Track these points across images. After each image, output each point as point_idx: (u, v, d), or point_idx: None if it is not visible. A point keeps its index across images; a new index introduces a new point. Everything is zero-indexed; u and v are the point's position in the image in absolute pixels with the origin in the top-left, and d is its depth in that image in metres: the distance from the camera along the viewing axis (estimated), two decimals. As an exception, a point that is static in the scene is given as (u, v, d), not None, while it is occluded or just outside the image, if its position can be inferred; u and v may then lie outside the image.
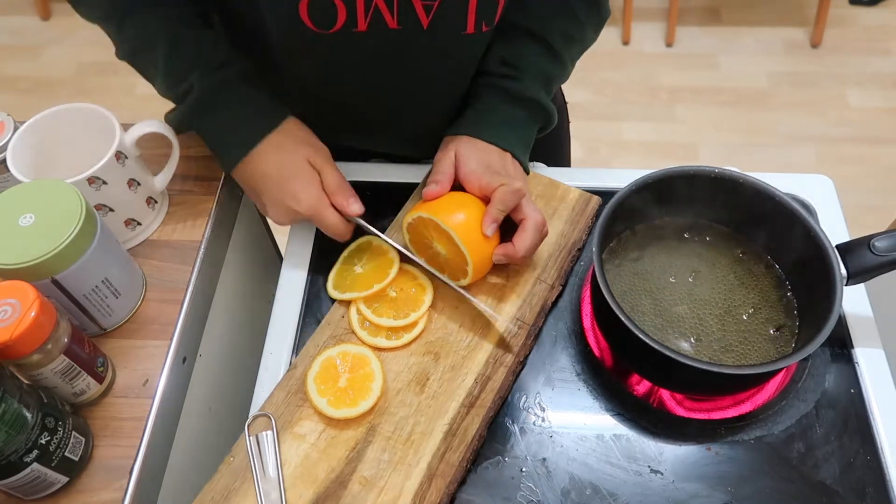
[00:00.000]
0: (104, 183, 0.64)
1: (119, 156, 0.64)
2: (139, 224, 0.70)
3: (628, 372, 0.65)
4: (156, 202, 0.71)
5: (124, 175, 0.66)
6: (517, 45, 0.71)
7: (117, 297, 0.63)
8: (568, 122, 0.98)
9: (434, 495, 0.57)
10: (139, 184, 0.68)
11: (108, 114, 0.66)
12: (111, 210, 0.66)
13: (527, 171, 0.72)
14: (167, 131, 0.68)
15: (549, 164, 0.85)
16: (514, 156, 0.70)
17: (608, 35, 2.29)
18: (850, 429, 0.61)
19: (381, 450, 0.59)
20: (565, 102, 0.96)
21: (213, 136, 0.69)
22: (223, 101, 0.67)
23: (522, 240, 0.64)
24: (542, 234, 0.65)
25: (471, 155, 0.68)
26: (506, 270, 0.69)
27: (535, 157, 0.77)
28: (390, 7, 0.62)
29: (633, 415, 0.63)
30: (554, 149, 0.96)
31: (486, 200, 0.65)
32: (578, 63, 0.77)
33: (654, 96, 2.15)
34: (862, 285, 0.68)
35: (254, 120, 0.68)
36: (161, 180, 0.71)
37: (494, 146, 0.70)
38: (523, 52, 0.71)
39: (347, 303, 0.67)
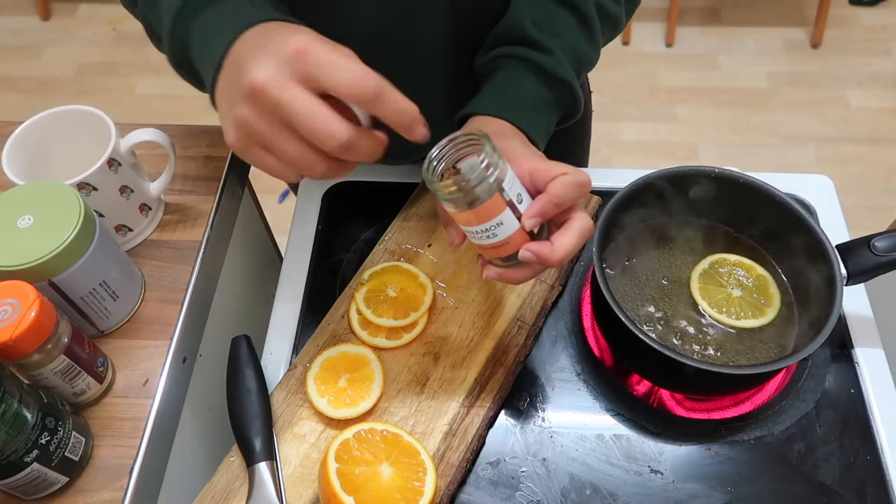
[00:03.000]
0: (94, 189, 0.63)
1: (112, 163, 0.64)
2: (130, 230, 0.70)
3: (628, 372, 0.65)
4: (150, 209, 0.71)
5: (116, 182, 0.65)
6: (549, 10, 0.61)
7: (115, 300, 0.63)
8: (591, 114, 0.90)
9: (434, 495, 0.57)
10: (132, 190, 0.67)
11: (106, 118, 0.66)
12: (101, 216, 0.65)
13: None
14: (164, 140, 0.67)
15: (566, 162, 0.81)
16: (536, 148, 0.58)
17: (608, 35, 2.29)
18: (850, 429, 0.61)
19: (381, 450, 0.59)
20: (590, 92, 0.88)
21: (197, 41, 0.51)
22: (208, 7, 0.51)
23: (564, 240, 0.50)
24: (585, 240, 0.52)
25: (509, 136, 0.56)
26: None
27: (550, 152, 0.69)
28: None
29: (633, 415, 0.63)
30: (572, 145, 0.89)
31: (533, 192, 0.52)
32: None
33: (654, 96, 2.15)
34: (862, 285, 0.68)
35: (241, 13, 0.49)
36: (156, 188, 0.71)
37: (522, 133, 0.58)
38: (556, 21, 0.61)
39: (347, 309, 0.67)
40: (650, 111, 2.11)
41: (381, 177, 0.80)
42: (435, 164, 0.49)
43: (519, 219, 0.49)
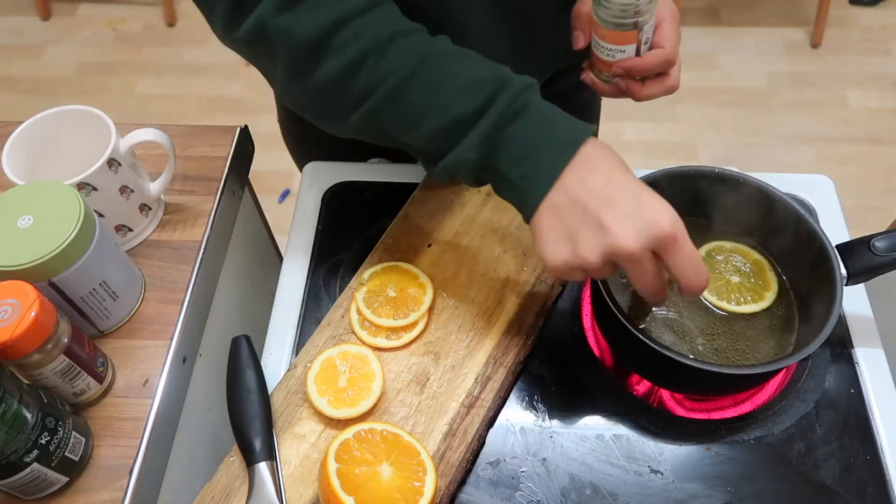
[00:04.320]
0: (94, 189, 0.63)
1: (112, 163, 0.64)
2: (130, 230, 0.70)
3: (628, 372, 0.65)
4: (150, 209, 0.71)
5: (116, 182, 0.65)
6: None
7: (115, 300, 0.63)
8: (599, 114, 0.99)
9: (434, 495, 0.57)
10: (132, 190, 0.67)
11: (106, 118, 0.66)
12: (101, 216, 0.65)
13: None
14: (164, 140, 0.67)
15: None
16: None
17: (608, 35, 2.30)
18: (850, 429, 0.61)
19: (381, 450, 0.59)
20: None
21: (516, 156, 0.52)
22: (527, 111, 0.52)
23: (653, 88, 0.65)
24: (667, 94, 0.65)
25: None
26: (506, 271, 0.69)
27: None
28: None
29: (633, 415, 0.63)
30: None
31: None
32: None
33: (653, 96, 2.15)
34: (862, 285, 0.68)
35: (560, 130, 0.54)
36: (156, 188, 0.71)
37: None
38: None
39: (347, 309, 0.67)
40: (650, 111, 2.11)
41: (381, 177, 0.80)
42: None
43: (637, 54, 0.63)
